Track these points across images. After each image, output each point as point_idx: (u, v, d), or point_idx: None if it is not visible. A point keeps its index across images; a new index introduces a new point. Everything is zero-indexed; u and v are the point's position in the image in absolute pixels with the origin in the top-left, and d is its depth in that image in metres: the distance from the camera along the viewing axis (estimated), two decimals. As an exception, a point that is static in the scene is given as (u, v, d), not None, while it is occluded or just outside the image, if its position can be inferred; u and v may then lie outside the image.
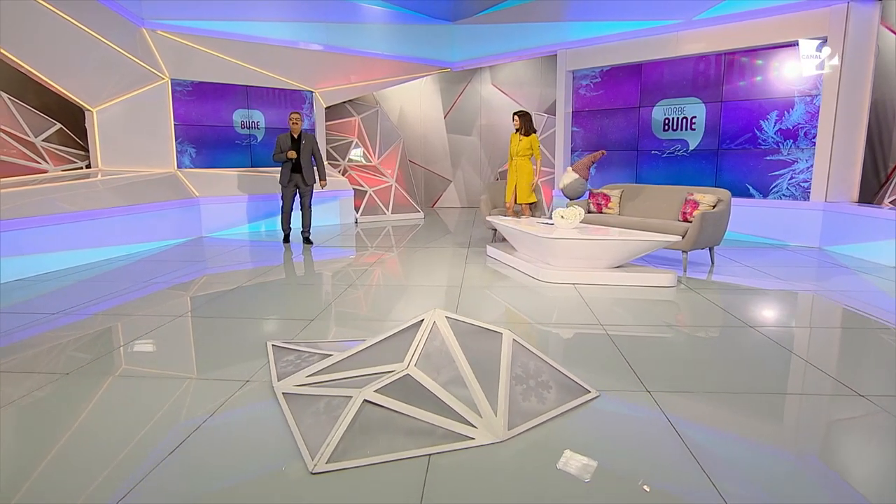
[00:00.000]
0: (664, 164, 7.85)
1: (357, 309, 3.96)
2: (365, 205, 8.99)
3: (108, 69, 6.66)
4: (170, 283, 4.67)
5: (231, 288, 4.48)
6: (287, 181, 6.45)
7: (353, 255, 6.28)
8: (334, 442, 1.87)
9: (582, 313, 3.76)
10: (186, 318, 3.66)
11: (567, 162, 9.08)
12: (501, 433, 2.03)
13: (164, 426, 2.15)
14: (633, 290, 4.43)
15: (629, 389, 2.51)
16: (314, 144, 6.53)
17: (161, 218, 6.55)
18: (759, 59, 6.71)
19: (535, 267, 4.89)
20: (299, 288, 4.60)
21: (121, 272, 5.07)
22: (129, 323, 3.54)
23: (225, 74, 7.78)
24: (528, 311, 3.94)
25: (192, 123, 7.68)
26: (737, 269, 5.23)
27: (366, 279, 4.82)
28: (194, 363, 2.89)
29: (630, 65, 8.00)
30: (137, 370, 2.77)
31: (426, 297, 4.28)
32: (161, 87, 7.34)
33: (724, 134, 7.12)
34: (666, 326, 3.52)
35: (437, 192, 11.68)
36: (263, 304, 4.09)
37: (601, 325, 3.50)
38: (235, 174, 7.90)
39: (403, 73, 9.61)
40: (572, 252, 4.71)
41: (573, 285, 4.55)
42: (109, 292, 4.31)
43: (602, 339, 3.21)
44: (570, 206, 5.11)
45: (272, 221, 7.91)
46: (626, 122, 8.23)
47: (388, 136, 10.07)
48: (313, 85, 8.77)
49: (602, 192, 6.37)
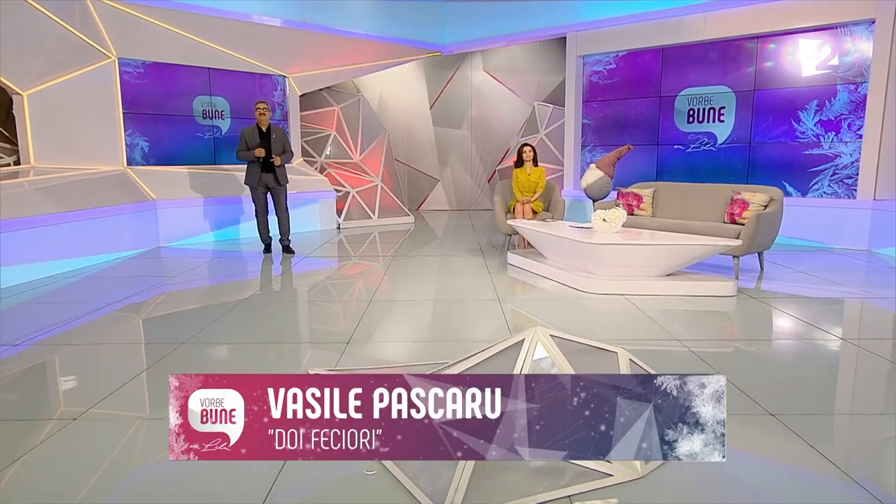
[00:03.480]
0: (688, 160, 8.06)
1: (395, 329, 3.91)
2: (348, 208, 8.86)
3: (40, 44, 6.32)
4: (121, 303, 4.48)
5: (209, 306, 4.30)
6: (256, 181, 6.25)
7: (352, 266, 6.20)
8: (462, 487, 1.78)
9: (648, 328, 3.79)
10: (157, 347, 3.47)
11: (577, 158, 9.22)
12: (639, 468, 2.01)
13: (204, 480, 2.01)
14: (692, 300, 4.50)
15: (751, 413, 2.53)
16: (286, 139, 6.39)
17: (109, 226, 6.27)
18: (796, 44, 7.00)
19: (575, 276, 4.92)
20: (312, 306, 4.46)
21: (61, 294, 4.84)
22: (71, 354, 3.36)
23: (183, 54, 7.55)
24: (585, 326, 3.94)
25: (145, 112, 7.41)
26: (789, 275, 5.39)
27: (385, 294, 4.73)
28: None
29: (650, 49, 8.21)
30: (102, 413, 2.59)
31: (467, 313, 4.28)
32: (106, 67, 7.04)
33: (756, 126, 7.37)
34: (751, 341, 3.58)
35: (422, 193, 11.64)
36: (269, 325, 3.97)
37: (678, 340, 3.53)
38: (197, 172, 7.67)
39: (389, 56, 9.56)
40: (620, 259, 4.75)
41: (623, 296, 4.58)
42: (46, 318, 4.06)
43: (688, 357, 3.23)
44: (611, 208, 5.16)
45: (245, 227, 7.74)
46: (644, 113, 8.41)
47: (371, 129, 9.98)
48: (286, 69, 8.61)
49: (632, 191, 6.47)
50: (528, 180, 6.59)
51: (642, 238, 4.93)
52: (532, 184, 6.59)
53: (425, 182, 11.64)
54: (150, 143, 7.49)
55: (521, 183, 6.62)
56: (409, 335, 3.85)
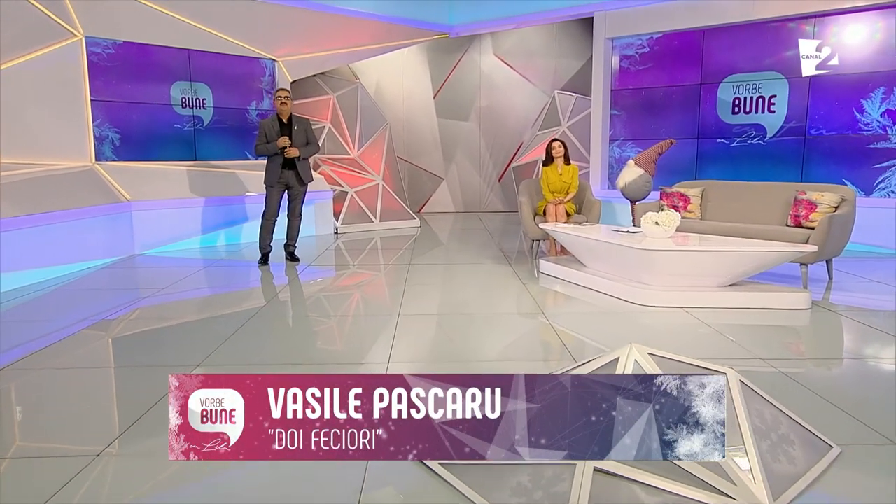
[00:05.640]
0: (733, 156, 8.09)
1: (438, 348, 3.89)
2: (346, 210, 8.81)
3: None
4: (93, 319, 4.39)
5: (213, 318, 4.21)
6: (276, 179, 6.18)
7: (362, 276, 6.21)
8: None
9: (722, 345, 3.77)
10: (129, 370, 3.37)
11: (605, 154, 9.23)
12: (766, 497, 1.98)
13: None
14: (760, 314, 4.48)
15: (873, 443, 2.50)
16: (309, 130, 6.33)
17: (76, 231, 6.17)
18: (859, 23, 7.05)
19: (623, 286, 4.90)
20: (334, 322, 4.39)
21: (20, 311, 4.70)
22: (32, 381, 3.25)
23: (160, 33, 7.50)
24: (651, 343, 3.88)
25: (116, 99, 7.34)
26: (863, 285, 5.40)
27: (413, 307, 4.68)
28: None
29: (689, 31, 8.25)
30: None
31: (513, 330, 4.28)
32: (72, 47, 6.95)
33: (812, 117, 7.42)
34: (845, 359, 3.57)
35: (424, 193, 11.62)
36: (288, 346, 3.91)
37: (761, 359, 3.49)
38: (177, 169, 7.60)
39: (390, 38, 9.55)
40: (678, 267, 4.73)
41: (682, 308, 4.56)
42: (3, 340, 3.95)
43: (780, 379, 3.20)
44: (660, 210, 5.14)
45: (231, 233, 7.69)
46: (682, 103, 8.45)
47: (370, 121, 9.96)
48: (276, 51, 8.57)
49: (677, 190, 6.47)
50: (559, 180, 6.58)
51: (698, 243, 4.91)
52: (564, 184, 6.58)
53: (428, 181, 11.61)
54: (122, 134, 7.40)
55: (551, 182, 6.60)
56: (454, 354, 3.78)
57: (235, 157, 8.25)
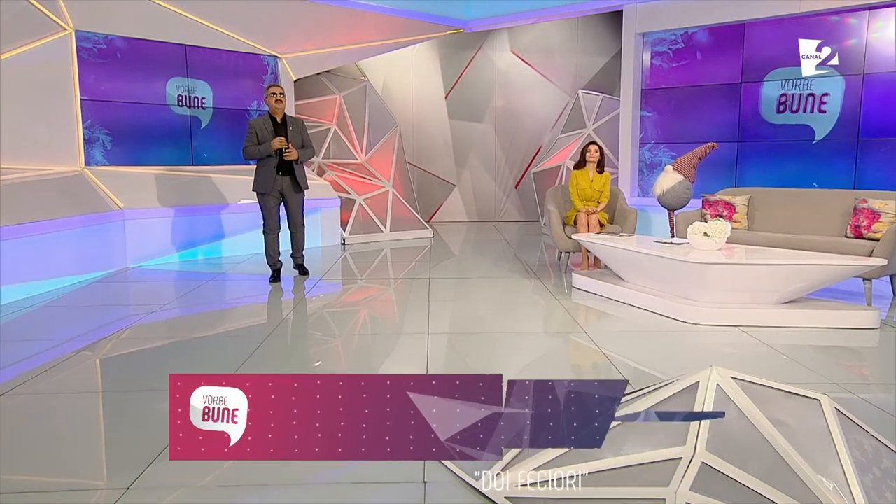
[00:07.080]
0: (778, 160, 8.07)
1: (478, 370, 3.79)
2: (354, 220, 8.80)
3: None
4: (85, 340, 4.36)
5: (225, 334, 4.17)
6: (269, 187, 6.04)
7: (382, 291, 6.24)
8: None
9: (788, 369, 3.73)
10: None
11: (635, 159, 9.22)
12: None
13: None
14: (824, 333, 4.44)
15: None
16: (305, 132, 6.28)
17: (64, 242, 6.14)
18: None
19: (670, 302, 4.87)
20: (354, 341, 4.35)
21: (6, 329, 4.68)
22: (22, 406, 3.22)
23: (155, 27, 7.54)
24: (707, 365, 3.85)
25: (108, 99, 7.39)
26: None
27: (440, 326, 4.65)
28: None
29: (728, 25, 8.26)
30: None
31: (555, 351, 4.29)
32: (61, 42, 6.98)
33: (867, 118, 7.40)
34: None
35: (435, 200, 11.62)
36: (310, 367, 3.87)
37: (836, 384, 3.44)
38: (172, 174, 7.62)
39: (400, 33, 9.58)
40: (732, 283, 4.69)
41: (737, 327, 4.52)
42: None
43: (859, 406, 3.13)
44: (714, 220, 5.11)
45: (231, 244, 7.70)
46: (721, 103, 8.44)
47: (379, 123, 10.00)
48: (278, 47, 8.62)
49: (721, 198, 6.45)
50: (590, 187, 6.57)
51: (752, 256, 4.87)
52: (595, 192, 6.58)
53: (439, 188, 11.62)
54: (114, 137, 7.45)
55: (581, 189, 6.58)
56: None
57: (236, 162, 8.23)
